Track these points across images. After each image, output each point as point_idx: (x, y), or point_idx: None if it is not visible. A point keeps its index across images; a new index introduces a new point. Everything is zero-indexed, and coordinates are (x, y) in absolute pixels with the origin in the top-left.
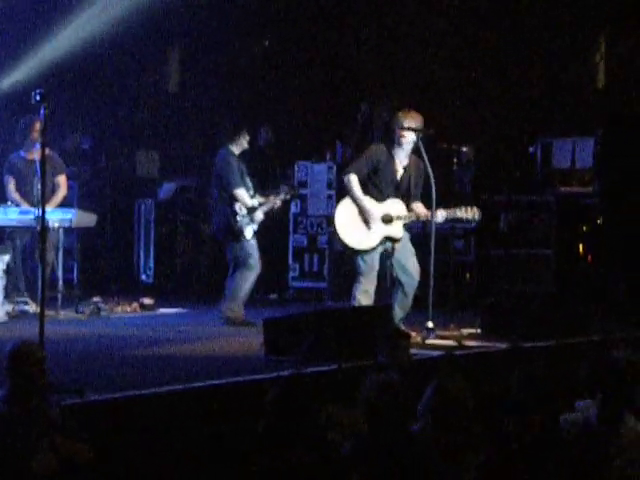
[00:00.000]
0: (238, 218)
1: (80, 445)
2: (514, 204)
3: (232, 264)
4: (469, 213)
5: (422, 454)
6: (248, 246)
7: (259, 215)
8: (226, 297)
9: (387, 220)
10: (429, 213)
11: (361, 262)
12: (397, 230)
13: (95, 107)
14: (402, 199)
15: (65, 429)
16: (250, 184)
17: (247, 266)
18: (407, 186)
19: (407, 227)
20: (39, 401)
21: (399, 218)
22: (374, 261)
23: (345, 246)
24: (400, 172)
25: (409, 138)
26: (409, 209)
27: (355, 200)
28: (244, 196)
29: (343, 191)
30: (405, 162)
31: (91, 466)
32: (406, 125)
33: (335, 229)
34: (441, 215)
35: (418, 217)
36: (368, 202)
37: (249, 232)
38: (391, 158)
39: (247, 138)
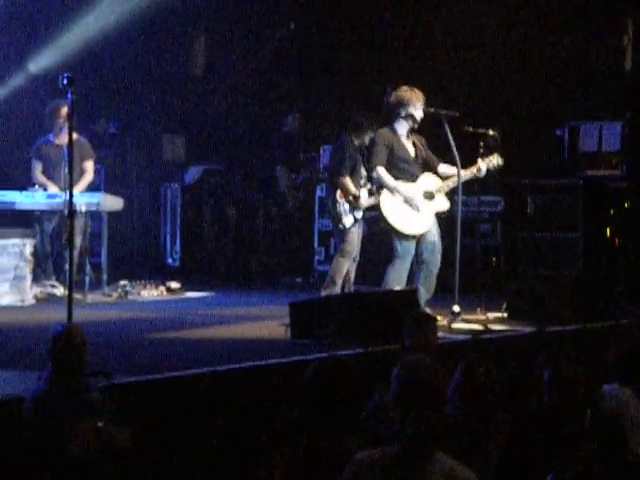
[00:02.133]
0: (337, 206)
1: (120, 429)
2: (541, 188)
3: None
4: (493, 160)
5: (452, 436)
6: (346, 233)
7: (362, 203)
8: (327, 280)
9: (429, 196)
10: (460, 169)
11: (399, 246)
12: (442, 202)
13: (121, 91)
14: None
15: (106, 412)
16: (364, 173)
17: (341, 252)
18: (422, 158)
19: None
20: (80, 383)
21: (439, 190)
22: (412, 245)
23: (402, 234)
24: (410, 148)
25: (417, 117)
26: (441, 177)
27: (391, 190)
28: (347, 184)
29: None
30: (410, 138)
31: (129, 450)
32: (418, 106)
33: (387, 222)
34: (470, 172)
35: (453, 179)
36: (404, 187)
37: (348, 220)
38: (397, 137)
39: (370, 135)
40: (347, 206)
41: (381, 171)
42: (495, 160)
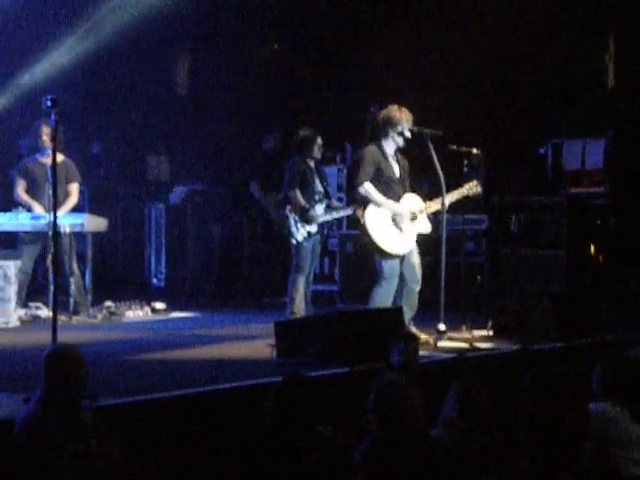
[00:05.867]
0: (288, 221)
1: (110, 449)
2: (525, 205)
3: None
4: (472, 188)
5: (444, 459)
6: (299, 248)
7: (314, 217)
8: (287, 299)
9: (412, 217)
10: (439, 199)
11: (385, 266)
12: (425, 225)
13: (105, 111)
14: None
15: (97, 432)
16: (320, 190)
17: (295, 267)
18: (405, 180)
19: None
20: (73, 404)
21: (421, 212)
22: (397, 265)
23: (384, 253)
24: (396, 167)
25: (405, 137)
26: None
27: (381, 205)
28: (297, 197)
29: (355, 198)
30: (396, 157)
31: (119, 469)
32: (405, 125)
33: (372, 238)
34: (451, 196)
35: (437, 202)
36: (393, 203)
37: (300, 235)
38: (384, 156)
39: (318, 146)
40: (298, 220)
41: (369, 187)
42: (475, 188)
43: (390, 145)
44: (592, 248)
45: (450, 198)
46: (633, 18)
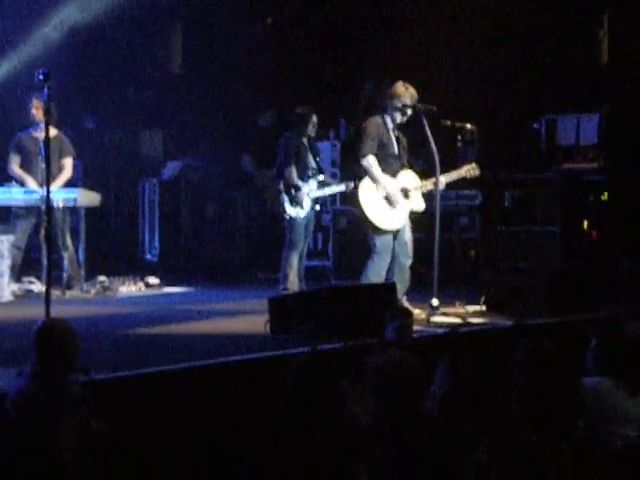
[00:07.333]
0: (281, 197)
1: (100, 422)
2: (519, 181)
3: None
4: (470, 170)
5: (434, 434)
6: (293, 224)
7: (302, 195)
8: (281, 276)
9: (405, 194)
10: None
11: (377, 241)
12: (418, 202)
13: (99, 87)
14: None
15: (86, 406)
16: (313, 165)
17: (289, 244)
18: (402, 157)
19: None
20: (63, 378)
21: (416, 189)
22: (390, 240)
23: (375, 228)
24: (395, 143)
25: (405, 114)
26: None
27: (376, 182)
28: (292, 174)
29: (352, 170)
30: (395, 132)
31: (108, 443)
32: (408, 103)
33: (363, 212)
34: (449, 177)
35: (434, 184)
36: (388, 181)
37: (293, 211)
38: (386, 129)
39: (313, 124)
40: (290, 196)
41: (372, 160)
42: (473, 171)
43: (391, 120)
44: (585, 224)
45: (447, 178)
46: None
